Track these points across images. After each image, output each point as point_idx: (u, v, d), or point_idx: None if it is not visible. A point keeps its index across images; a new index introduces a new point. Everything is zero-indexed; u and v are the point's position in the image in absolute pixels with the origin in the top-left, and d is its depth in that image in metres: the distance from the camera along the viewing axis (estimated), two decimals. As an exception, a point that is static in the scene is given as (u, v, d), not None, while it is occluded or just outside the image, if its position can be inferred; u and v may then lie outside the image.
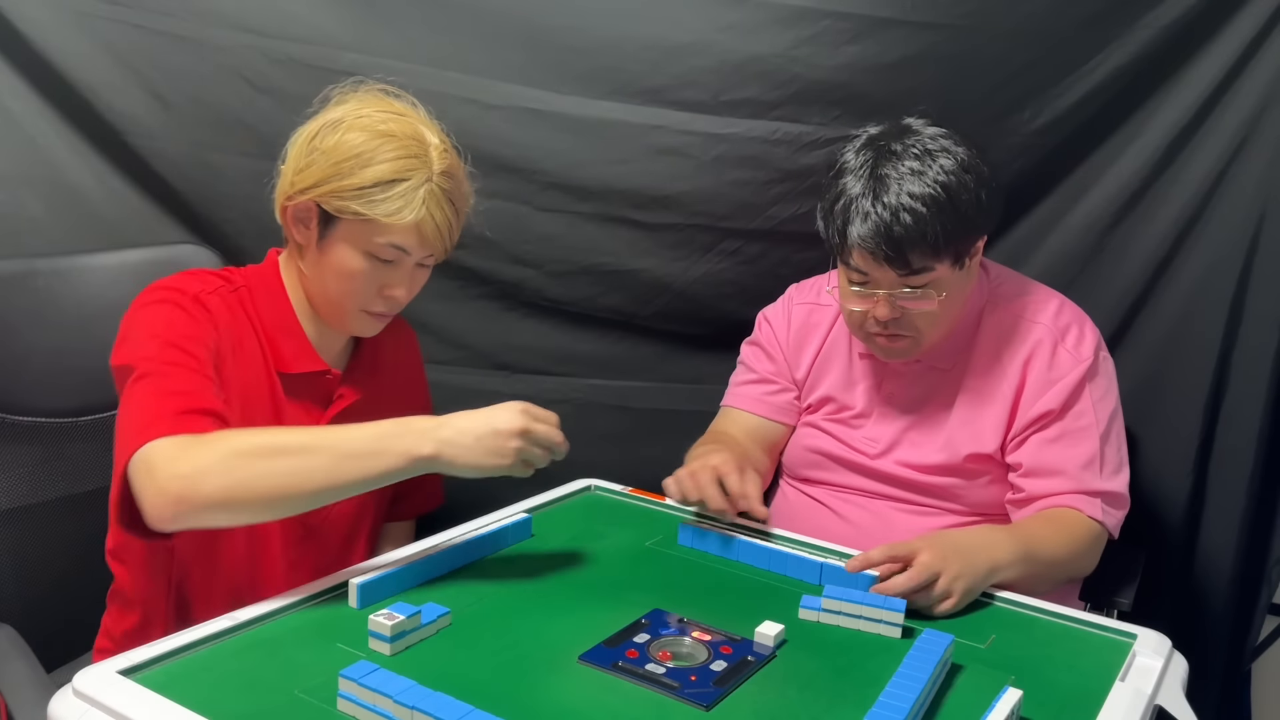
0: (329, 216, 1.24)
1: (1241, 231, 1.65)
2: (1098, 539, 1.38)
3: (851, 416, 1.54)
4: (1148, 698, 1.01)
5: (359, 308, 1.29)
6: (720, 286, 1.82)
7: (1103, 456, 1.40)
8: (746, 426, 1.60)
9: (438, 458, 1.10)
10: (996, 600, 1.20)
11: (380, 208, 1.22)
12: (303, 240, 1.29)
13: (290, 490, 1.08)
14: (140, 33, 1.67)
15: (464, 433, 1.11)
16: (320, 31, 1.68)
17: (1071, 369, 1.41)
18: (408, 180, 1.22)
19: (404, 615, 1.02)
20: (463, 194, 1.29)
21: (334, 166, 1.23)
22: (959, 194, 1.33)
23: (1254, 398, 1.66)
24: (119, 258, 1.53)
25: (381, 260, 1.26)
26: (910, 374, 1.50)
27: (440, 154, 1.26)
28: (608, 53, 1.69)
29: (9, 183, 1.69)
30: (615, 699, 0.95)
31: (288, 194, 1.27)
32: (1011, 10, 1.64)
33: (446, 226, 1.26)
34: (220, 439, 1.09)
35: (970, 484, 1.46)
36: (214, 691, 0.93)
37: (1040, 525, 1.35)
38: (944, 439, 1.46)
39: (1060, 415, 1.41)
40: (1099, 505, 1.38)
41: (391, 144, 1.23)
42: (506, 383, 1.87)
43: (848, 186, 1.36)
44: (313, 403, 1.33)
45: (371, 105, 1.27)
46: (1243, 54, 1.61)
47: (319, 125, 1.26)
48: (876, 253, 1.33)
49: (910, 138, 1.37)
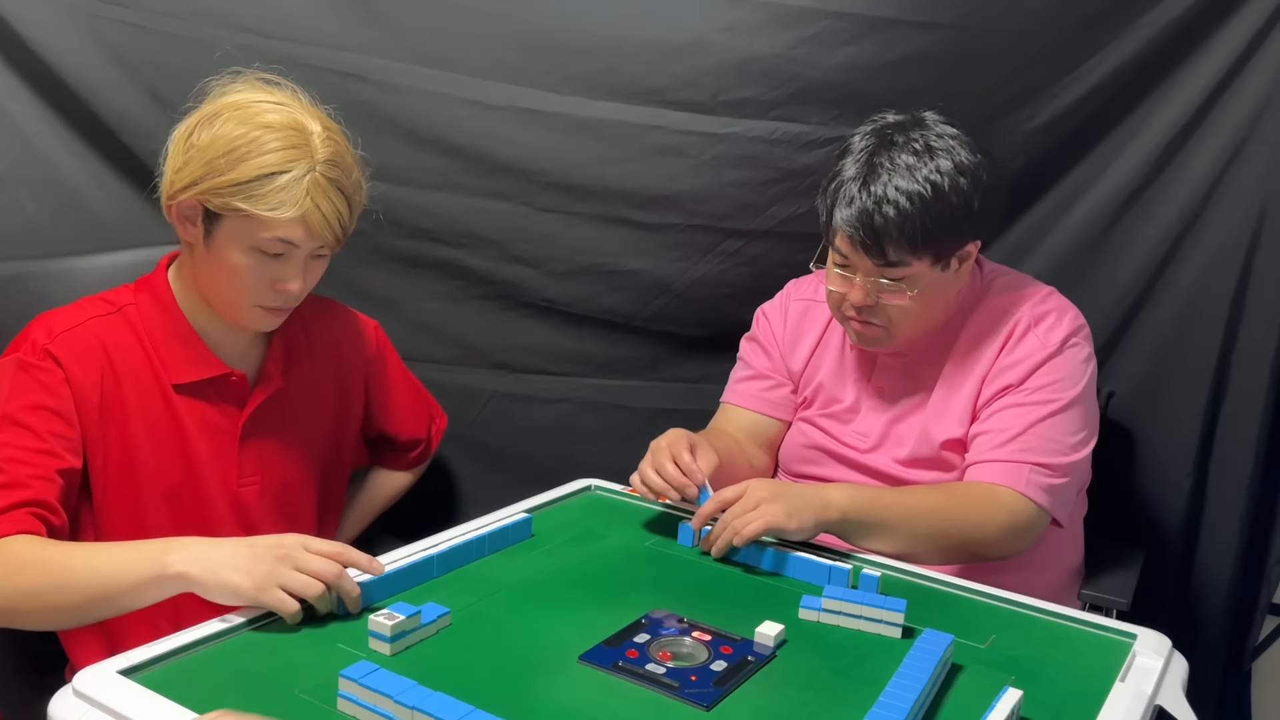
0: (212, 214, 1.21)
1: (1241, 231, 1.64)
2: (1010, 510, 1.33)
3: (843, 410, 1.54)
4: (1148, 698, 1.01)
5: (252, 303, 1.26)
6: (719, 287, 1.82)
7: (1041, 432, 1.37)
8: (743, 423, 1.60)
9: (183, 573, 1.03)
10: (996, 600, 1.20)
11: (262, 202, 1.18)
12: (190, 239, 1.26)
13: (52, 610, 1.08)
14: (140, 33, 1.67)
15: (217, 546, 1.06)
16: (320, 32, 1.68)
17: (1035, 351, 1.41)
18: (289, 172, 1.18)
19: (404, 615, 1.01)
20: (352, 180, 1.25)
21: (211, 163, 1.19)
22: (949, 196, 1.33)
23: (1254, 398, 1.66)
24: (111, 259, 1.53)
25: (269, 255, 1.22)
26: (898, 368, 1.50)
27: (323, 141, 1.22)
28: (607, 53, 1.69)
29: (7, 183, 1.69)
30: (615, 699, 0.95)
31: (169, 193, 1.23)
32: (1011, 10, 1.64)
33: (335, 215, 1.22)
34: (2, 551, 1.08)
35: (951, 476, 1.45)
36: (214, 691, 0.93)
37: (916, 490, 1.37)
38: (921, 430, 1.46)
39: (1012, 390, 1.41)
40: (1023, 474, 1.34)
41: (270, 135, 1.19)
42: (506, 382, 1.87)
43: (844, 168, 1.38)
44: (226, 404, 1.31)
45: (249, 95, 1.23)
46: (1242, 54, 1.61)
47: (195, 120, 1.23)
48: (854, 238, 1.35)
49: (917, 131, 1.37)
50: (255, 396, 1.34)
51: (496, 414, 1.88)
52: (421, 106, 1.71)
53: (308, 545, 1.06)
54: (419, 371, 1.65)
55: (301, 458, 1.39)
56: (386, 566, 1.14)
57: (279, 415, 1.36)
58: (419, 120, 1.71)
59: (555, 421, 1.89)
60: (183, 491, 1.29)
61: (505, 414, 1.88)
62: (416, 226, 1.77)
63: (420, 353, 1.78)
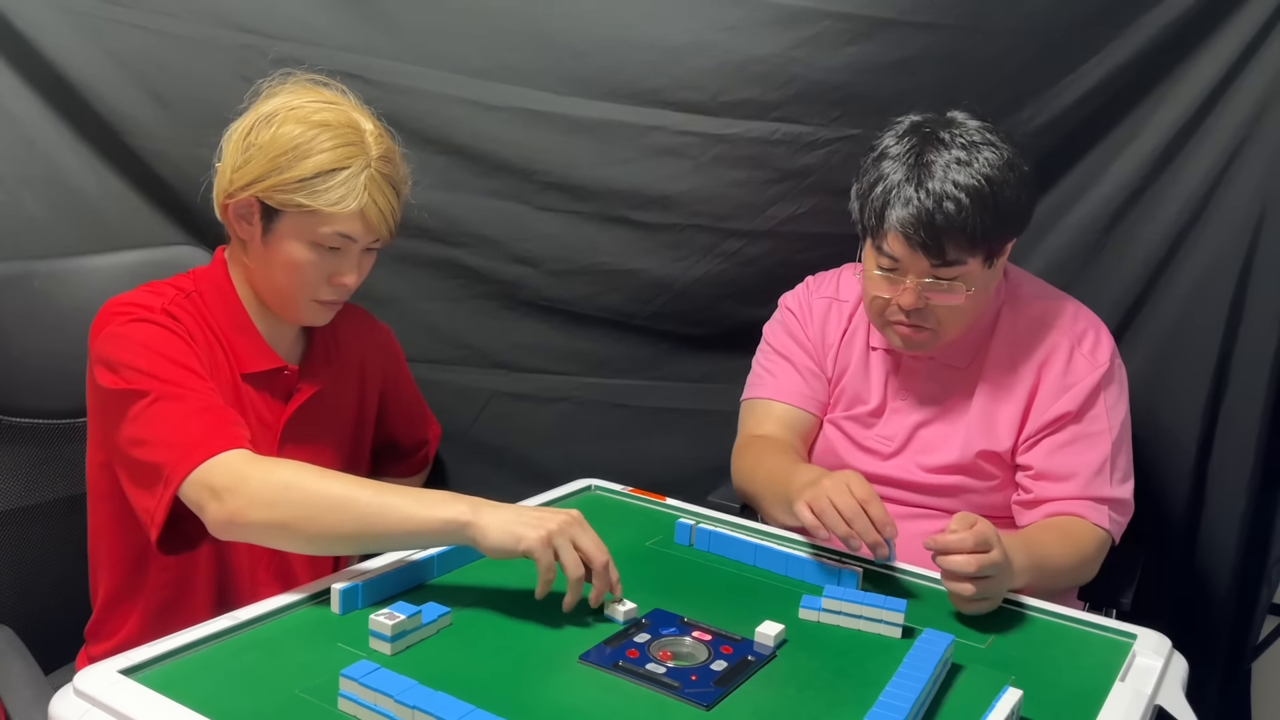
0: (271, 211, 1.25)
1: (1241, 231, 1.64)
2: (1102, 547, 1.38)
3: (866, 414, 1.52)
4: (1148, 698, 1.01)
5: (309, 298, 1.30)
6: (719, 287, 1.82)
7: (1113, 464, 1.39)
8: (786, 420, 1.55)
9: (473, 522, 1.08)
10: (996, 600, 1.20)
11: (323, 198, 1.22)
12: (246, 236, 1.29)
13: (330, 532, 1.10)
14: (140, 33, 1.67)
15: (504, 508, 1.11)
16: (320, 32, 1.68)
17: (1088, 374, 1.41)
18: (348, 168, 1.23)
19: (404, 615, 1.02)
20: (401, 176, 1.30)
21: (272, 161, 1.23)
22: (1002, 189, 1.32)
23: (1254, 398, 1.66)
24: (115, 259, 1.53)
25: (328, 249, 1.26)
26: (925, 371, 1.49)
27: (376, 139, 1.27)
28: (607, 53, 1.69)
29: (8, 183, 1.69)
30: (615, 699, 0.95)
31: (227, 191, 1.27)
32: (1011, 10, 1.64)
33: (389, 210, 1.27)
34: (274, 467, 1.12)
35: (979, 485, 1.45)
36: (214, 691, 0.93)
37: (1048, 534, 1.34)
38: (957, 436, 1.45)
39: (1074, 419, 1.40)
40: (1106, 513, 1.38)
41: (328, 133, 1.23)
42: (506, 381, 1.87)
43: (889, 171, 1.35)
44: (273, 397, 1.34)
45: (303, 96, 1.27)
46: (1242, 54, 1.61)
47: (252, 120, 1.26)
48: (913, 239, 1.32)
49: (956, 129, 1.36)
50: (299, 394, 1.36)
51: (496, 414, 1.88)
52: (422, 106, 1.71)
53: (586, 530, 1.11)
54: (419, 372, 1.65)
55: (329, 460, 1.39)
56: (385, 567, 1.14)
57: (315, 415, 1.38)
58: (419, 120, 1.71)
59: (555, 421, 1.89)
60: None
61: (505, 414, 1.88)
62: (417, 226, 1.76)
63: (420, 353, 1.78)
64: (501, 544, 1.07)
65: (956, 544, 1.11)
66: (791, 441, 1.52)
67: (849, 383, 1.54)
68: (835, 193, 1.66)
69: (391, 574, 1.14)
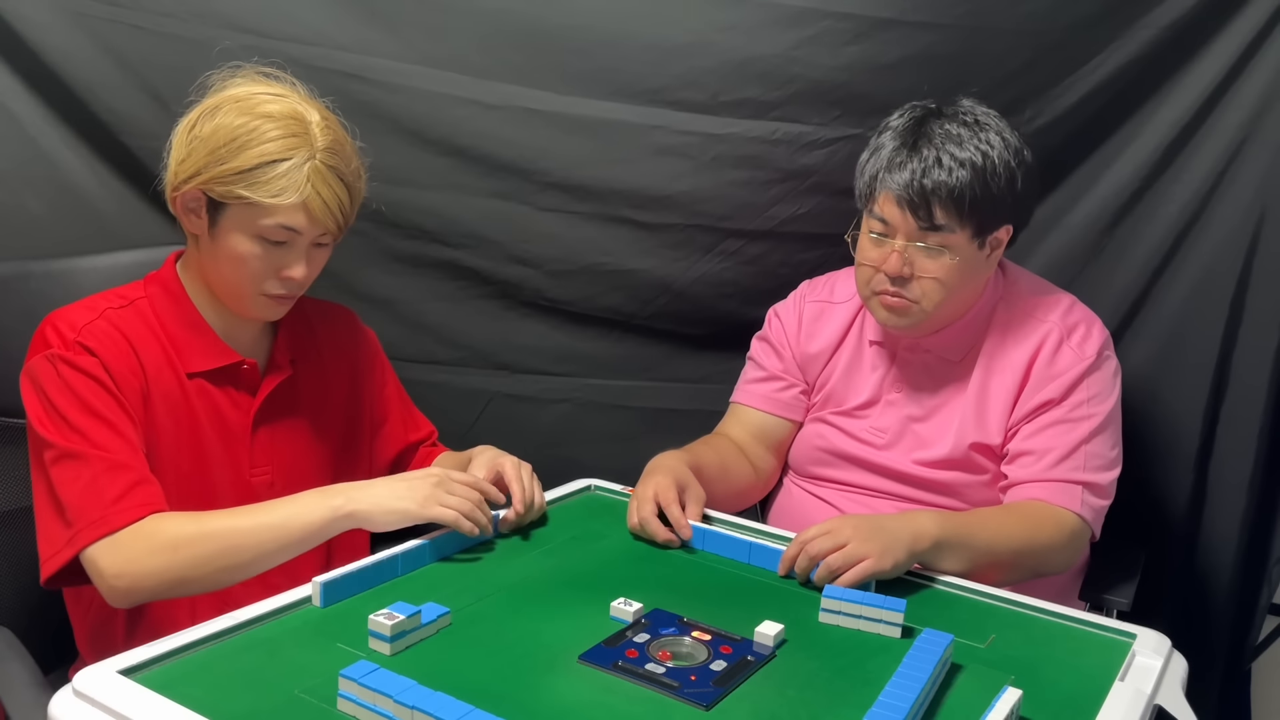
0: (216, 203, 1.24)
1: (1241, 231, 1.65)
2: (1074, 533, 1.37)
3: (857, 408, 1.54)
4: (1147, 698, 1.01)
5: (257, 291, 1.28)
6: (720, 286, 1.82)
7: (1092, 450, 1.40)
8: (752, 424, 1.60)
9: (353, 511, 1.17)
10: (996, 600, 1.20)
11: (264, 189, 1.21)
12: (195, 230, 1.28)
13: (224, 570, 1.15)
14: (140, 33, 1.67)
15: (373, 486, 1.20)
16: (320, 32, 1.68)
17: (1074, 365, 1.42)
18: (290, 159, 1.21)
19: (404, 615, 1.02)
20: (351, 169, 1.27)
21: (214, 152, 1.21)
22: (998, 168, 1.35)
23: (1254, 398, 1.67)
24: (113, 259, 1.53)
25: (273, 242, 1.24)
26: (919, 365, 1.50)
27: (322, 130, 1.25)
28: (608, 53, 1.69)
29: (9, 182, 1.69)
30: (615, 699, 0.95)
31: (173, 185, 1.26)
32: (1011, 10, 1.64)
33: (336, 203, 1.25)
34: (154, 532, 1.14)
35: (973, 479, 1.46)
36: (214, 691, 0.93)
37: (998, 514, 1.36)
38: (950, 430, 1.46)
39: (1054, 405, 1.42)
40: (1079, 496, 1.37)
41: (270, 124, 1.22)
42: (507, 382, 1.87)
43: (888, 140, 1.40)
44: (239, 393, 1.33)
45: (249, 87, 1.27)
46: (1242, 54, 1.62)
47: (197, 113, 1.26)
48: (901, 199, 1.36)
49: (963, 111, 1.40)
50: (266, 385, 1.35)
51: (497, 414, 1.88)
52: (422, 107, 1.71)
53: (450, 475, 1.24)
54: (419, 373, 1.65)
55: (313, 450, 1.39)
56: (364, 563, 1.16)
57: (289, 405, 1.37)
58: (419, 120, 1.72)
59: (556, 422, 1.89)
60: (193, 479, 1.30)
61: (506, 414, 1.88)
62: (417, 227, 1.77)
63: (421, 353, 1.78)
64: (389, 524, 1.17)
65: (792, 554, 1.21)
66: (742, 441, 1.59)
67: (842, 381, 1.56)
68: (835, 192, 1.67)
69: (377, 565, 1.16)
